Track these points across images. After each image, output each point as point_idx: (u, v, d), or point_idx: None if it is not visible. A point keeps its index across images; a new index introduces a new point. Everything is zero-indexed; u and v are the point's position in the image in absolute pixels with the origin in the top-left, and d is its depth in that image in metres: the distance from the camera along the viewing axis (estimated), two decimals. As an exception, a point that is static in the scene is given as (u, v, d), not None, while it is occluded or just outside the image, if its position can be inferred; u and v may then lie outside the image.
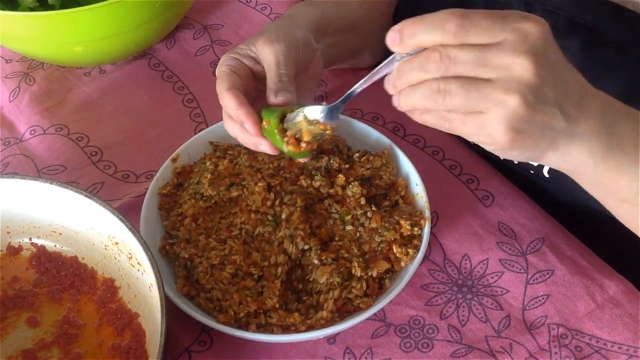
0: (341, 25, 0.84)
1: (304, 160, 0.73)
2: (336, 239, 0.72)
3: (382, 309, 0.69)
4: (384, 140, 0.79)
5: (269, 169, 0.76)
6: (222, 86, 0.70)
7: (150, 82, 0.99)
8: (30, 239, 0.76)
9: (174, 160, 0.79)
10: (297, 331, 0.67)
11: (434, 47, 0.53)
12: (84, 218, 0.72)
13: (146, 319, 0.68)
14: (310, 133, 0.67)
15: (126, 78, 0.99)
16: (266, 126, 0.68)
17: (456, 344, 0.70)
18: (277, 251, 0.71)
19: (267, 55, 0.71)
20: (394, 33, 0.55)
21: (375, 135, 0.80)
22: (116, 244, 0.71)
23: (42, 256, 0.76)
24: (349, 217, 0.72)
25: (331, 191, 0.74)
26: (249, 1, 1.09)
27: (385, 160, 0.77)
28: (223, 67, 0.71)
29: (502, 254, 0.76)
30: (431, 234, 0.74)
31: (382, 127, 0.89)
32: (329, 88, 0.94)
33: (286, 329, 0.67)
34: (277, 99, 0.69)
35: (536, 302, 0.72)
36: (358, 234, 0.72)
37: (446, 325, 0.71)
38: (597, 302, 0.72)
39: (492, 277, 0.74)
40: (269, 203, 0.73)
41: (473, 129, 0.55)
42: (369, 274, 0.69)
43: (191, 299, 0.70)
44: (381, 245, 0.71)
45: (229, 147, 0.80)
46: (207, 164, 0.77)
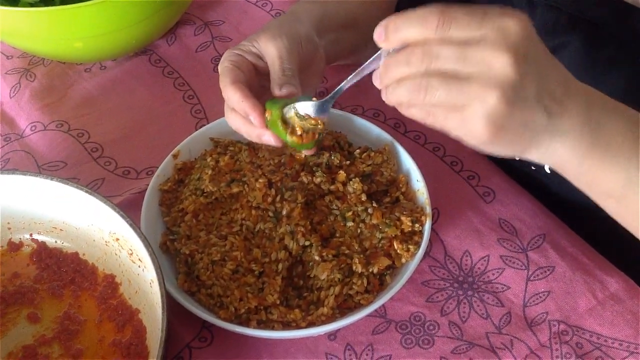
0: (342, 22, 0.84)
1: (308, 152, 0.73)
2: (337, 235, 0.72)
3: (382, 305, 0.69)
4: (385, 136, 0.79)
5: (269, 165, 0.75)
6: (225, 81, 0.70)
7: (151, 78, 0.98)
8: (30, 235, 0.76)
9: (174, 156, 0.79)
10: (297, 327, 0.67)
11: (416, 43, 0.54)
12: (84, 214, 0.72)
13: (147, 315, 0.68)
14: (302, 128, 0.68)
15: (127, 74, 0.99)
16: (269, 117, 0.68)
17: (457, 340, 0.70)
18: (277, 247, 0.71)
19: (270, 51, 0.71)
20: (380, 29, 0.55)
21: (376, 131, 0.80)
22: (117, 240, 0.71)
23: (42, 252, 0.76)
24: (350, 213, 0.72)
25: (332, 187, 0.74)
26: (249, -3, 1.09)
27: (386, 157, 0.77)
28: (226, 62, 0.71)
29: (503, 251, 0.76)
30: (432, 230, 0.74)
31: (383, 123, 0.88)
32: (329, 84, 0.93)
33: (287, 325, 0.67)
34: (281, 92, 0.69)
35: (537, 299, 0.72)
36: (359, 230, 0.72)
37: (447, 321, 0.71)
38: (598, 299, 0.72)
39: (493, 274, 0.74)
40: (269, 199, 0.73)
41: (455, 123, 0.56)
42: (370, 270, 0.69)
43: (192, 295, 0.70)
44: (382, 242, 0.71)
45: (229, 144, 0.80)
46: (208, 160, 0.77)
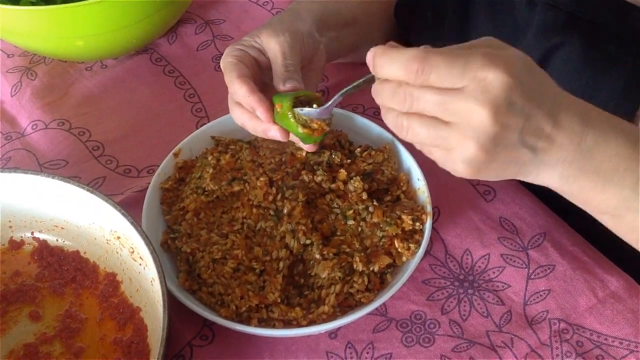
0: (343, 20, 0.84)
1: (311, 148, 0.72)
2: (338, 233, 0.72)
3: (383, 303, 0.69)
4: (386, 135, 0.79)
5: (270, 163, 0.76)
6: (231, 75, 0.69)
7: (152, 77, 0.99)
8: (32, 233, 0.77)
9: (175, 154, 0.79)
10: (298, 326, 0.67)
11: (399, 83, 0.54)
12: (85, 212, 0.72)
13: (148, 314, 0.68)
14: (314, 121, 0.67)
15: (128, 73, 0.99)
16: (279, 110, 0.68)
17: (457, 338, 0.70)
18: (278, 246, 0.71)
19: (272, 46, 0.71)
20: (369, 56, 0.56)
21: (377, 130, 0.80)
22: (118, 238, 0.71)
23: (44, 250, 0.76)
24: (351, 211, 0.72)
25: (333, 186, 0.74)
26: (250, -4, 1.09)
27: (387, 155, 0.77)
28: (229, 57, 0.71)
29: (503, 249, 0.76)
30: (433, 228, 0.74)
31: (384, 122, 0.88)
32: (330, 83, 0.94)
33: (288, 324, 0.67)
34: (285, 87, 0.69)
35: (537, 297, 0.72)
36: (360, 229, 0.72)
37: (447, 320, 0.71)
38: (599, 297, 0.72)
39: (494, 272, 0.75)
40: (270, 198, 0.73)
41: (439, 159, 0.57)
42: (371, 268, 0.69)
43: (193, 294, 0.70)
44: (383, 240, 0.71)
45: (230, 142, 0.80)
46: (209, 158, 0.77)
